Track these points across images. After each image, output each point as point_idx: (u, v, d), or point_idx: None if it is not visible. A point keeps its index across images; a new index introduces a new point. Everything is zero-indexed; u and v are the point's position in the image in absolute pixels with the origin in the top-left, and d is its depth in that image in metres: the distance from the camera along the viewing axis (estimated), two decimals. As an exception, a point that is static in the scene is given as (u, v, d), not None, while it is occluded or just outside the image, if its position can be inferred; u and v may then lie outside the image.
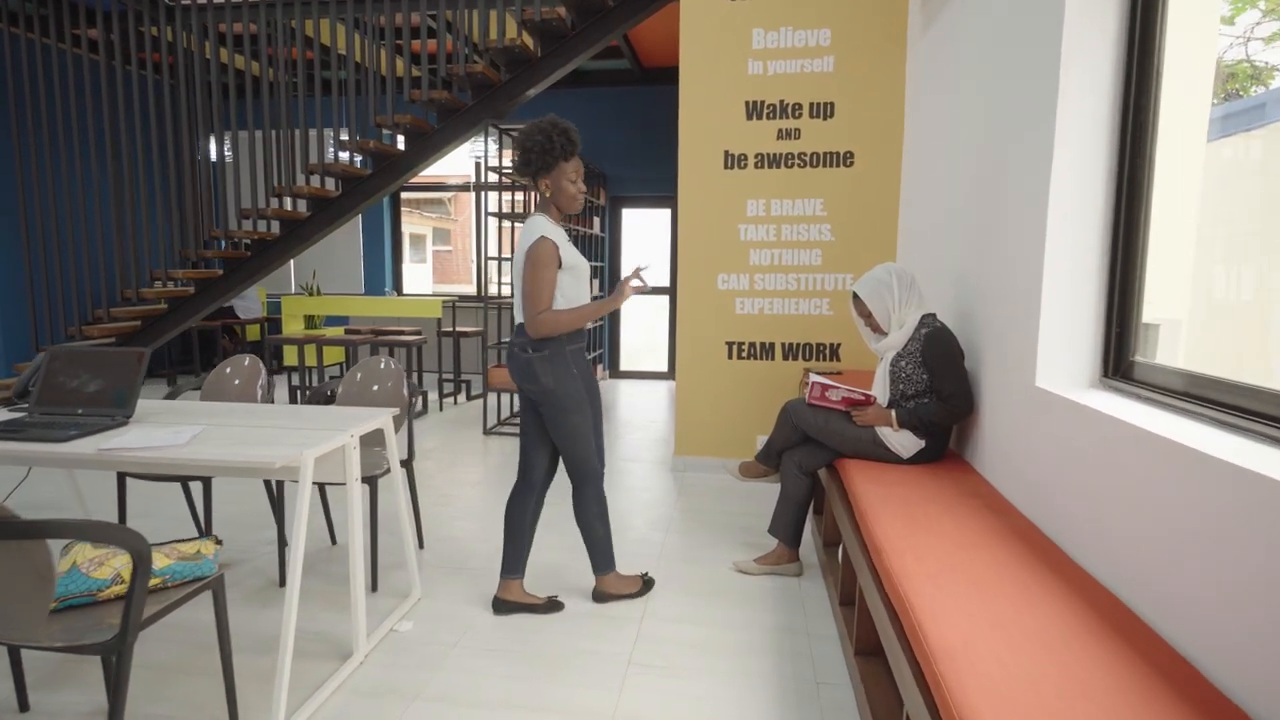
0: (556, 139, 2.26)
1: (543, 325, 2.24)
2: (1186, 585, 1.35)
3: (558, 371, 2.32)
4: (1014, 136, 2.25)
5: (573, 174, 2.33)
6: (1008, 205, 2.28)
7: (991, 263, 2.43)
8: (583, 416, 2.38)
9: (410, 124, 4.87)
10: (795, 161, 4.04)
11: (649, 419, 5.88)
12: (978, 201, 2.61)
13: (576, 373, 2.36)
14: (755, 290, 4.15)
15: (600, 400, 2.53)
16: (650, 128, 7.42)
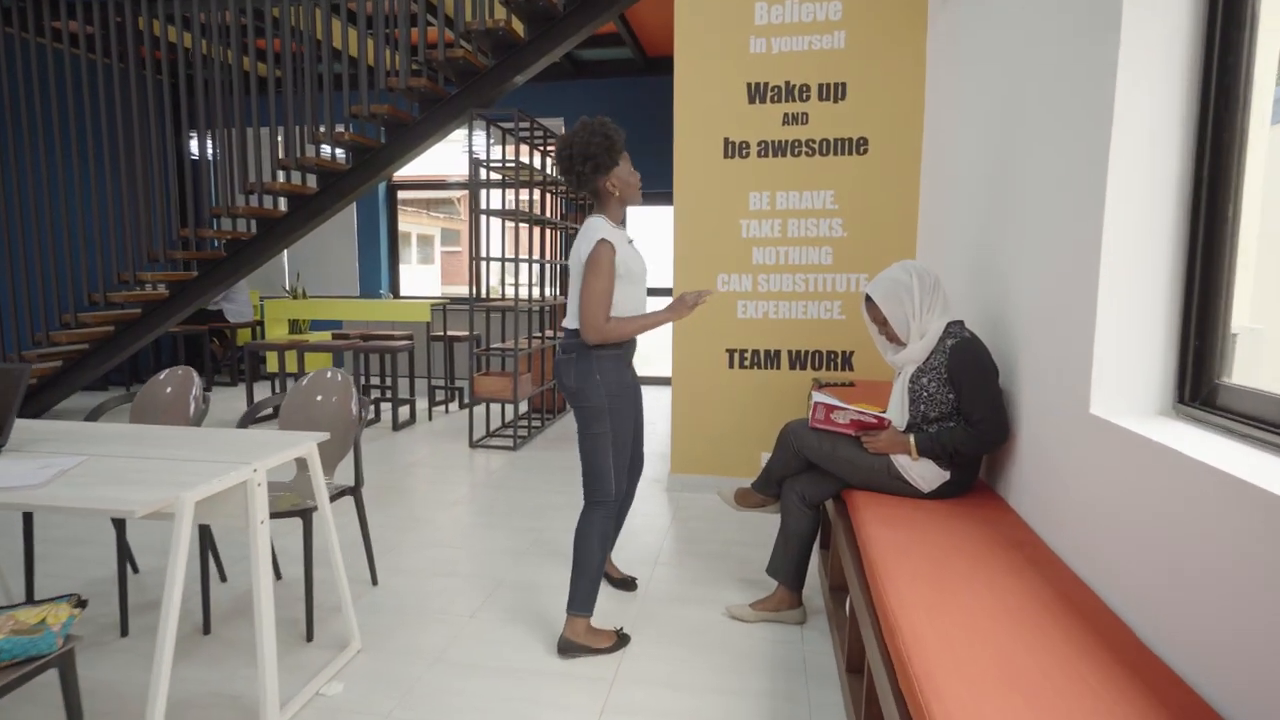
0: (614, 134, 2.23)
1: (595, 334, 2.14)
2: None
3: (582, 372, 2.20)
4: (1058, 111, 1.84)
5: (629, 164, 2.33)
6: (1051, 193, 1.87)
7: (1032, 260, 2.02)
8: (603, 429, 2.21)
9: (389, 114, 4.53)
10: (803, 149, 3.64)
11: (650, 430, 5.49)
12: (1013, 190, 2.20)
13: (600, 379, 2.19)
14: (759, 292, 3.76)
15: (641, 416, 2.43)
16: (656, 120, 7.03)
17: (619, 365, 2.22)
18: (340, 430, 2.70)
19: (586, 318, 2.12)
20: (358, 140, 4.64)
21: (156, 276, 5.00)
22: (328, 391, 2.77)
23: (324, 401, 2.76)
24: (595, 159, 2.17)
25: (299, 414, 2.75)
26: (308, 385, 2.79)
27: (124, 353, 5.47)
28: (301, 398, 2.77)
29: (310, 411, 2.76)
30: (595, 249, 2.11)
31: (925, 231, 3.46)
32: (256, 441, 2.02)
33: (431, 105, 4.66)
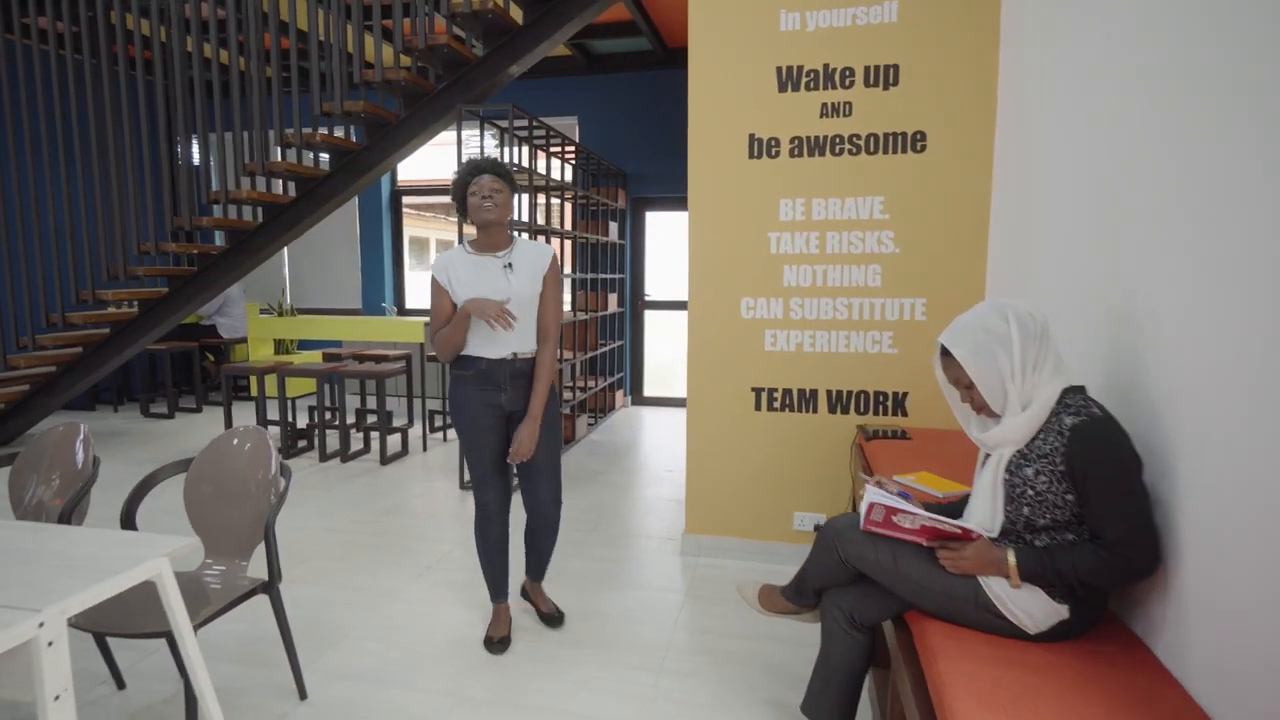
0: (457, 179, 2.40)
1: (435, 348, 2.41)
2: None
3: (453, 382, 2.46)
4: (1243, 90, 1.18)
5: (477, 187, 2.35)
6: (1230, 205, 1.21)
7: (1199, 302, 1.35)
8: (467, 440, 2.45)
9: (366, 112, 3.98)
10: (845, 147, 2.99)
11: (667, 466, 4.86)
12: (1158, 203, 1.54)
13: (452, 398, 2.46)
14: (791, 320, 3.11)
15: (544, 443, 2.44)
16: (677, 117, 6.41)
17: (463, 386, 2.41)
18: (252, 510, 2.13)
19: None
20: (333, 142, 4.09)
21: (120, 294, 4.52)
22: (239, 459, 2.20)
23: (236, 471, 2.19)
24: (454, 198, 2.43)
25: (206, 486, 2.19)
26: (215, 450, 2.22)
27: (94, 374, 5.01)
28: (209, 465, 2.20)
29: (221, 482, 2.19)
30: None
31: (1000, 249, 2.79)
32: (74, 562, 1.44)
33: (416, 101, 4.10)
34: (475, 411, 2.38)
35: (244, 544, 2.14)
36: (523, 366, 2.38)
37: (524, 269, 2.35)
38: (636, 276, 6.88)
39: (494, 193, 2.29)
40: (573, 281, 5.91)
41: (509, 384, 2.37)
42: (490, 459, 2.42)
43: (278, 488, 2.14)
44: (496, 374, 2.36)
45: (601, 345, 6.23)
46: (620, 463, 4.95)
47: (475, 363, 2.36)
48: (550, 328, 2.41)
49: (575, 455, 5.13)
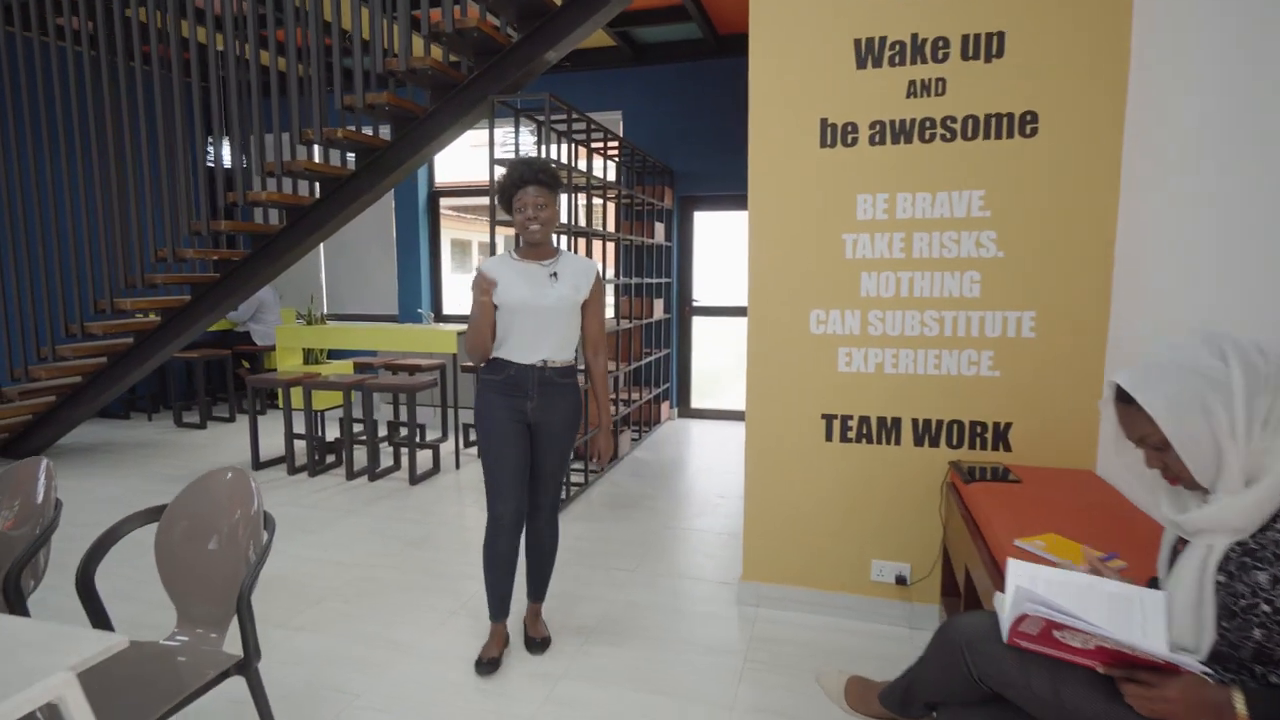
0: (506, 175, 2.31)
1: (466, 348, 2.40)
2: None
3: (480, 388, 2.41)
4: None
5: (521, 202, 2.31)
6: None
7: None
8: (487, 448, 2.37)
9: (391, 104, 3.64)
10: (938, 131, 2.52)
11: (719, 490, 4.43)
12: None
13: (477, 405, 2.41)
14: (870, 336, 2.66)
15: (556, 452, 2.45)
16: (729, 110, 5.97)
17: (487, 391, 2.37)
18: (231, 571, 1.77)
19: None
20: (357, 139, 3.77)
21: (139, 303, 4.29)
22: (217, 508, 1.85)
23: (212, 522, 1.84)
24: (498, 199, 2.38)
25: (178, 540, 1.85)
26: (191, 496, 1.88)
27: (118, 385, 4.81)
28: (183, 514, 1.86)
29: (195, 536, 1.85)
30: None
31: (1131, 253, 2.28)
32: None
33: (446, 93, 3.75)
34: (500, 418, 2.33)
35: (221, 610, 1.79)
36: (552, 375, 2.35)
37: (568, 279, 2.36)
38: (684, 281, 6.46)
39: (539, 209, 2.27)
40: (616, 287, 5.51)
41: (536, 392, 2.34)
42: (511, 469, 2.34)
43: (259, 541, 1.78)
44: (524, 381, 2.33)
45: (647, 354, 5.82)
46: (666, 485, 4.53)
47: (505, 367, 2.34)
48: (601, 339, 2.49)
49: (618, 475, 4.73)
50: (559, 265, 2.37)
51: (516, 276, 2.31)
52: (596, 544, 3.56)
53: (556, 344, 2.34)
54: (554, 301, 2.31)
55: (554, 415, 2.38)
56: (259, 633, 1.74)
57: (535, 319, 2.30)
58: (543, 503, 2.50)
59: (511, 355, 2.32)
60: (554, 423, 2.39)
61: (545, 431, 2.39)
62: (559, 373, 2.36)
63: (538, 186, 2.26)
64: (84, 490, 4.44)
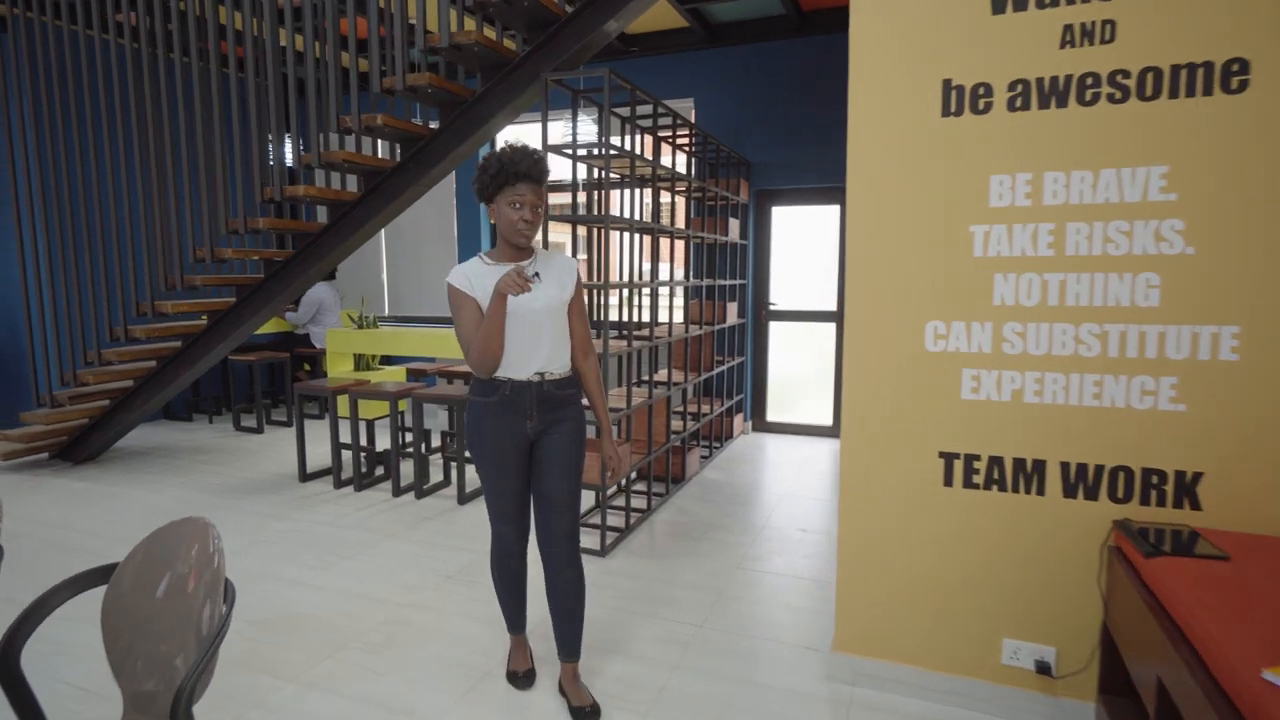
0: (510, 160, 1.99)
1: (475, 368, 2.07)
2: None
3: (471, 410, 2.16)
4: None
5: (517, 196, 2.02)
6: None
7: None
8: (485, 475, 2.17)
9: (434, 86, 3.27)
10: (1103, 90, 1.94)
11: (802, 521, 3.89)
12: None
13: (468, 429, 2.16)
14: (1005, 355, 2.09)
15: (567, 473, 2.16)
16: (813, 93, 5.40)
17: (484, 415, 2.12)
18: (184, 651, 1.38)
19: (464, 355, 2.08)
20: (399, 126, 3.42)
21: (180, 306, 4.08)
22: (173, 572, 1.46)
23: (164, 590, 1.46)
24: (479, 178, 2.05)
25: (126, 611, 1.47)
26: (146, 557, 1.50)
27: (167, 389, 4.64)
28: (132, 580, 1.48)
29: (144, 607, 1.46)
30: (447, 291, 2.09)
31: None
32: None
33: (495, 72, 3.35)
34: (499, 444, 2.12)
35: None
36: (550, 390, 2.12)
37: (551, 279, 2.12)
38: (760, 282, 5.91)
39: (534, 209, 2.04)
40: (686, 290, 5.03)
41: (535, 410, 2.11)
42: (514, 495, 2.18)
43: (217, 613, 1.39)
44: (522, 400, 2.10)
45: (718, 363, 5.31)
46: (739, 514, 4.01)
47: (499, 387, 2.09)
48: (589, 340, 2.24)
49: (684, 499, 4.25)
50: (539, 264, 2.13)
51: (490, 275, 2.06)
52: (656, 586, 3.08)
53: (550, 352, 2.11)
54: (543, 304, 2.07)
55: (558, 431, 2.15)
56: (268, 685, 1.34)
57: (526, 326, 2.07)
58: (558, 534, 2.19)
59: (505, 371, 2.08)
60: (559, 440, 2.15)
61: (550, 451, 2.15)
62: (558, 385, 2.14)
63: (531, 185, 2.01)
64: (127, 498, 4.27)
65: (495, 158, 2.01)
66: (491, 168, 2.00)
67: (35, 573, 3.01)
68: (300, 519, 3.89)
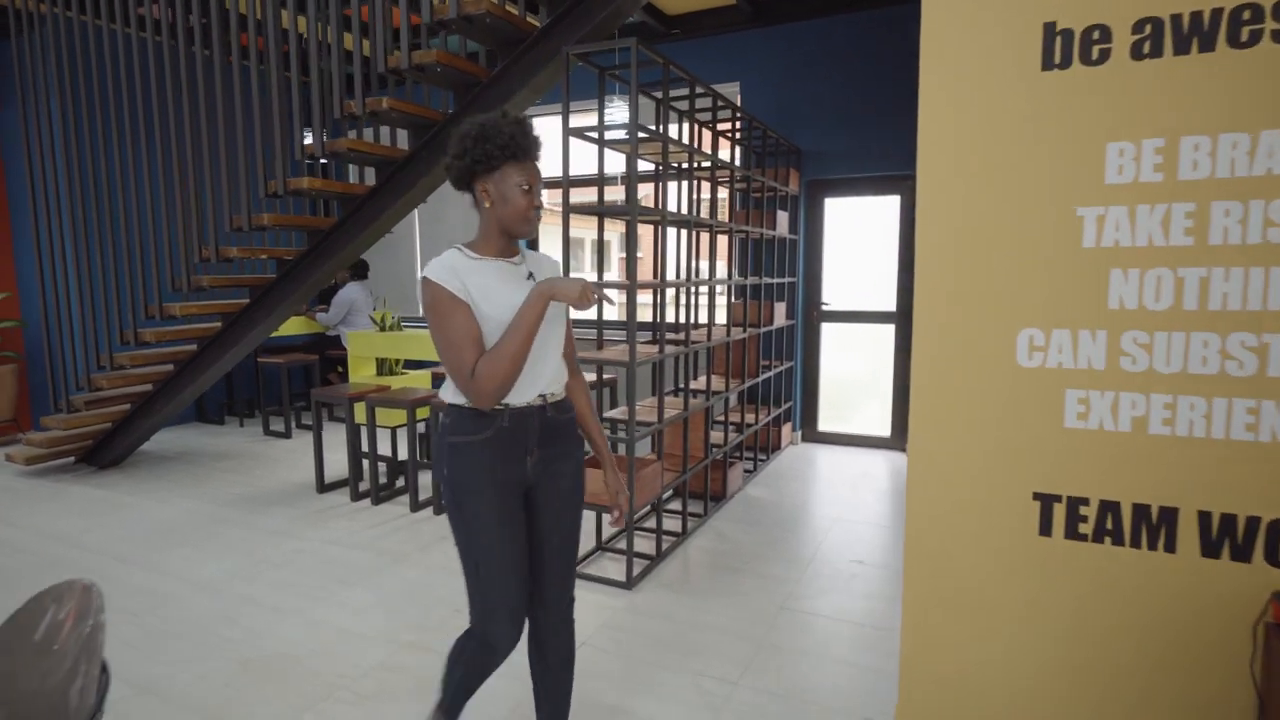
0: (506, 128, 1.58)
1: (475, 391, 1.53)
2: None
3: (437, 457, 1.67)
4: None
5: (523, 178, 1.62)
6: None
7: None
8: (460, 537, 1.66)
9: (444, 64, 2.94)
10: (1265, 28, 1.47)
11: (856, 550, 3.44)
12: None
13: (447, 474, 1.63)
14: (1124, 374, 1.64)
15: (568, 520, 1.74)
16: (872, 73, 4.92)
17: (474, 457, 1.60)
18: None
19: (456, 375, 1.55)
20: (408, 110, 3.10)
21: (187, 309, 3.87)
22: (44, 655, 1.15)
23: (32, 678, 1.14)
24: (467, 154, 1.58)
25: None
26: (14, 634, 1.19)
27: (185, 392, 4.45)
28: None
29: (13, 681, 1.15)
30: (421, 291, 1.58)
31: None
32: None
33: (512, 49, 3.01)
34: (494, 495, 1.63)
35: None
36: (554, 417, 1.70)
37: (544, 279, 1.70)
38: (811, 280, 5.45)
39: (541, 193, 1.69)
40: (730, 288, 4.62)
41: (537, 444, 1.67)
42: (512, 567, 1.65)
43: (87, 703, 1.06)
44: (523, 431, 1.65)
45: (765, 368, 4.89)
46: (786, 540, 3.58)
47: (494, 418, 1.62)
48: (576, 355, 1.88)
49: (724, 521, 3.84)
50: (531, 265, 1.74)
51: (498, 281, 1.63)
52: (687, 631, 2.69)
53: (555, 369, 1.71)
54: (550, 311, 1.64)
55: (562, 468, 1.72)
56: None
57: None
58: (554, 597, 1.76)
59: (505, 397, 1.61)
60: (563, 479, 1.73)
61: (552, 493, 1.72)
62: (559, 409, 1.73)
63: (536, 165, 1.65)
64: (138, 510, 4.09)
65: (493, 128, 1.58)
66: (495, 138, 1.57)
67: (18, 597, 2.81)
68: (310, 537, 3.62)
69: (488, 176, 1.60)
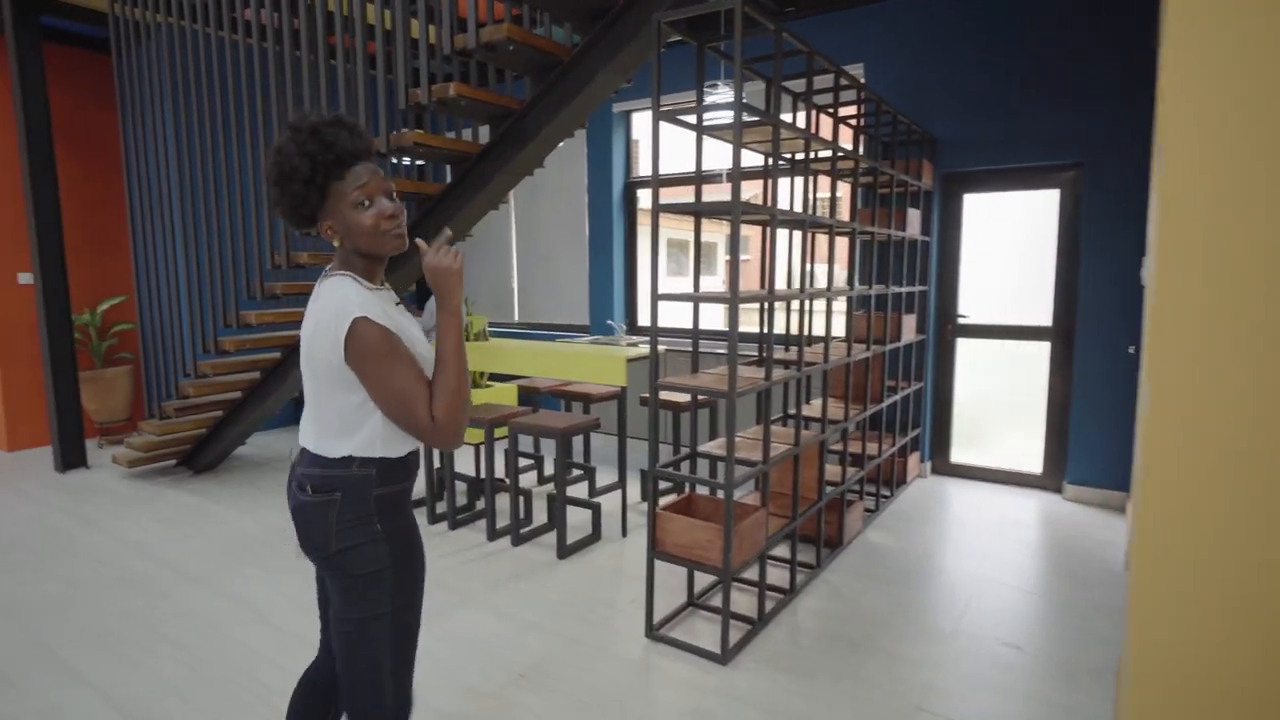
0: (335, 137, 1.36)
1: (452, 423, 1.37)
2: None
3: (347, 523, 1.40)
4: None
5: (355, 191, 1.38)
6: None
7: None
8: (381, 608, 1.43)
9: (517, 41, 2.54)
10: None
11: (1007, 624, 2.77)
12: None
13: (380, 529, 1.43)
14: None
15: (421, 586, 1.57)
16: (1027, 45, 4.17)
17: (398, 511, 1.48)
18: None
19: (414, 427, 1.37)
20: (478, 96, 2.73)
21: (265, 317, 3.69)
22: None
23: None
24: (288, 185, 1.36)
25: None
26: None
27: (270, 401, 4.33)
28: None
29: None
30: (352, 334, 1.32)
31: None
32: None
33: (594, 22, 2.57)
34: (416, 558, 1.55)
35: None
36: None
37: None
38: (946, 289, 4.72)
39: (390, 195, 1.42)
40: (850, 300, 4.01)
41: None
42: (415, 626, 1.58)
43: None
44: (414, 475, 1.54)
45: (890, 390, 4.23)
46: (917, 607, 2.96)
47: (408, 464, 1.49)
48: None
49: (841, 574, 3.25)
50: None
51: (403, 318, 1.46)
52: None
53: None
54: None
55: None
56: None
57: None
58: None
59: (407, 443, 1.47)
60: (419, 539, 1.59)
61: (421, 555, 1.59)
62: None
63: (370, 165, 1.41)
64: (220, 521, 3.97)
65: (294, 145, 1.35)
66: (301, 165, 1.34)
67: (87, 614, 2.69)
68: (377, 566, 3.34)
69: (318, 210, 1.38)
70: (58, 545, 3.67)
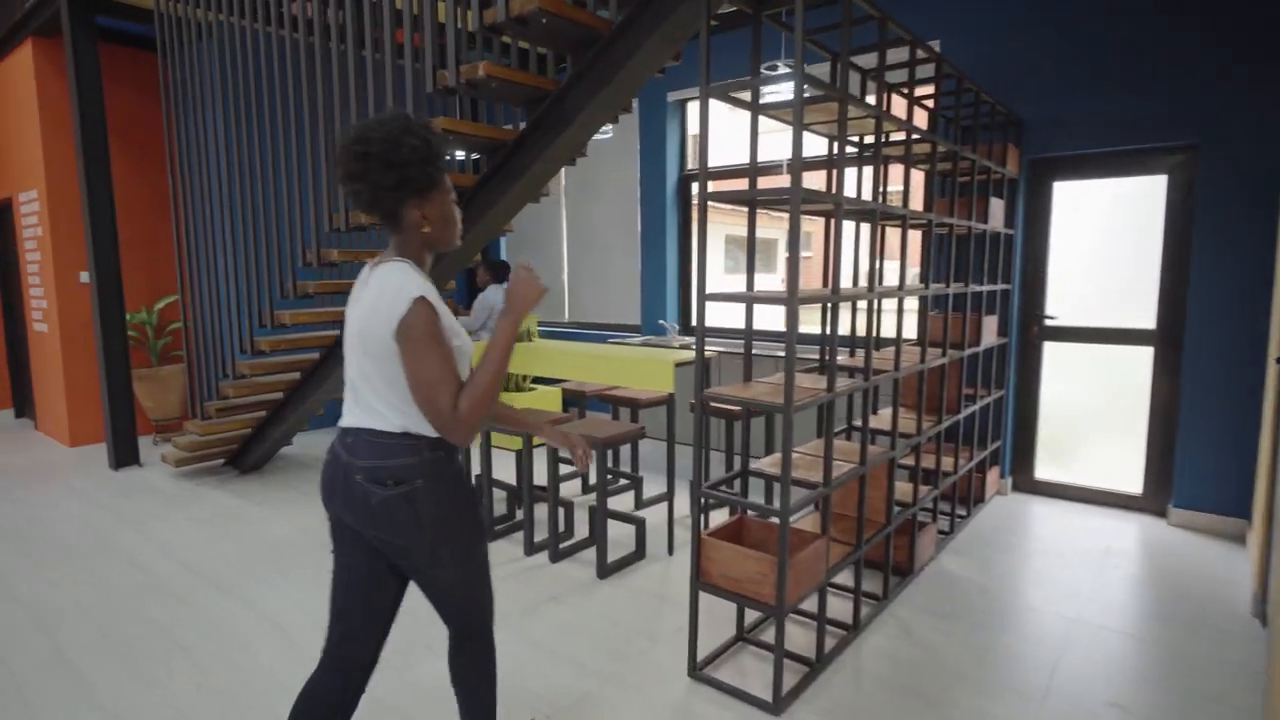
0: (436, 141, 1.48)
1: (472, 418, 1.42)
2: None
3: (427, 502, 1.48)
4: None
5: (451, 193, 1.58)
6: None
7: None
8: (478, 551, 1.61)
9: (553, 14, 2.28)
10: None
11: (1110, 679, 2.38)
12: None
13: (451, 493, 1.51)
14: None
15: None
16: (1119, 19, 3.70)
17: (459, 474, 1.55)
18: None
19: (434, 412, 1.43)
20: (512, 77, 2.49)
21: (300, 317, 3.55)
22: None
23: None
24: (404, 168, 1.42)
25: None
26: None
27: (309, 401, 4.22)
28: None
29: None
30: (411, 311, 1.40)
31: None
32: None
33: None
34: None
35: None
36: None
37: None
38: (1031, 288, 4.27)
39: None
40: (925, 300, 3.63)
41: None
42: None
43: None
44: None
45: (968, 399, 3.83)
46: (999, 648, 2.58)
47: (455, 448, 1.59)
48: None
49: (910, 608, 2.89)
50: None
51: (444, 307, 1.52)
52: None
53: None
54: None
55: None
56: None
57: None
58: None
59: None
60: None
61: None
62: None
63: None
64: (257, 523, 3.88)
65: (414, 132, 1.44)
66: (424, 148, 1.45)
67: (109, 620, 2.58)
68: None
69: (426, 194, 1.48)
70: (95, 545, 3.63)
